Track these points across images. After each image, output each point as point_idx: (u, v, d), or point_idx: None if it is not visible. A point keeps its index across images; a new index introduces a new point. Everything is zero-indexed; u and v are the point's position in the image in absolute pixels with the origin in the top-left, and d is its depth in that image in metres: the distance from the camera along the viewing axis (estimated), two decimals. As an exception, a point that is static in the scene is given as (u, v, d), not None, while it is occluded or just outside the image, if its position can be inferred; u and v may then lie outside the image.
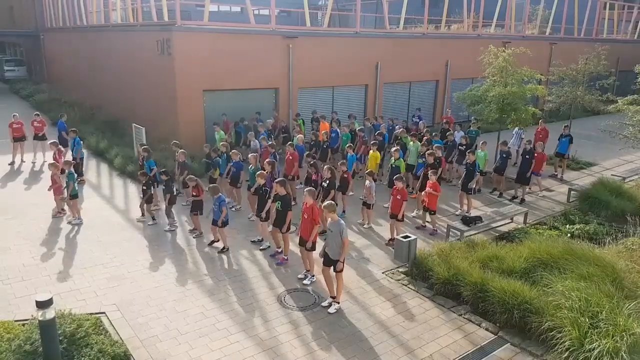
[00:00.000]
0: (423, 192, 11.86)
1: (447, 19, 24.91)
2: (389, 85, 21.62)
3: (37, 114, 17.10)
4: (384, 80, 21.14)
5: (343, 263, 8.16)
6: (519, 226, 12.04)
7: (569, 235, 11.27)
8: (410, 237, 9.77)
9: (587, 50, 18.54)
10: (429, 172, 11.69)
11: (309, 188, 9.31)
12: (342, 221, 8.17)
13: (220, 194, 10.20)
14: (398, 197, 10.60)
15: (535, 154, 14.03)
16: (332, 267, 8.26)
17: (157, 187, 12.29)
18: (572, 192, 14.22)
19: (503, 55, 15.83)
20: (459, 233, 11.10)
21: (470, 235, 11.06)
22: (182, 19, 16.28)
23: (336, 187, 11.37)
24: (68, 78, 28.47)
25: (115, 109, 21.24)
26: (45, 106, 24.64)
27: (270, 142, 13.62)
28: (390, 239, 10.91)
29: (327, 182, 11.03)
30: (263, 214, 10.25)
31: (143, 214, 11.87)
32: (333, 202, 8.70)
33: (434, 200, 11.45)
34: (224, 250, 10.33)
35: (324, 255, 8.34)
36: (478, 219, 11.45)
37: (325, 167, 11.30)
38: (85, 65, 24.60)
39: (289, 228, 9.70)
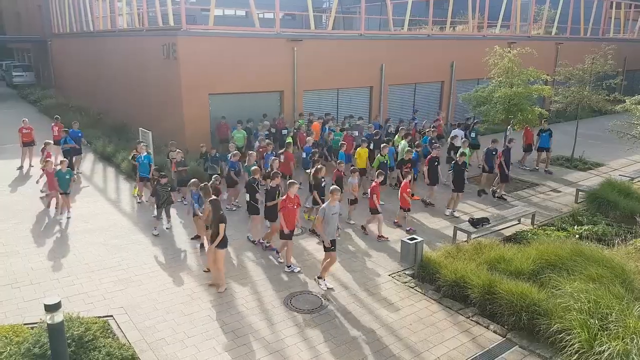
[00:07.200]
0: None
1: (452, 20, 24.85)
2: (394, 87, 21.60)
3: (57, 118, 17.28)
4: (389, 81, 21.12)
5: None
6: (527, 227, 11.97)
7: (577, 236, 11.18)
8: (416, 239, 9.74)
9: (593, 50, 18.42)
10: (378, 172, 11.72)
11: (291, 181, 9.75)
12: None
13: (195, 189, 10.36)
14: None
15: None
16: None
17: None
18: (580, 192, 14.12)
19: (508, 55, 15.78)
20: (465, 235, 11.04)
21: (477, 237, 11.01)
22: (188, 23, 16.37)
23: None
24: (75, 83, 28.68)
25: (121, 113, 21.37)
26: (53, 111, 24.85)
27: (267, 141, 14.34)
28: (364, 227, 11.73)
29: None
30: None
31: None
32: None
33: (370, 201, 11.35)
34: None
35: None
36: (485, 220, 11.38)
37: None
38: (92, 70, 24.78)
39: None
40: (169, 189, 11.42)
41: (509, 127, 16.77)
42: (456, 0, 22.76)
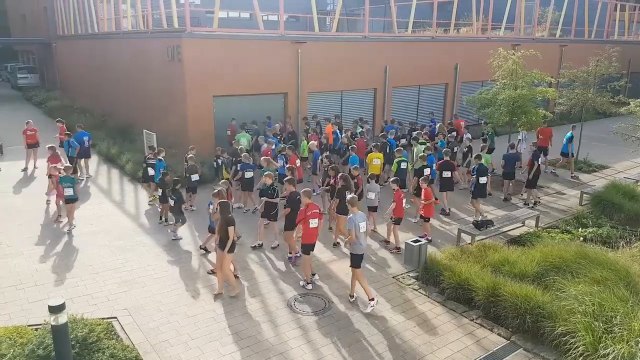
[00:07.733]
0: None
1: (456, 22, 24.82)
2: (397, 89, 21.60)
3: (60, 120, 17.33)
4: (393, 83, 21.12)
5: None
6: (531, 230, 11.93)
7: (581, 238, 11.16)
8: (420, 241, 9.73)
9: (597, 52, 18.37)
10: (393, 180, 11.15)
11: (306, 189, 9.26)
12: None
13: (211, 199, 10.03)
14: None
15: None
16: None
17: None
18: (584, 195, 14.07)
19: (513, 58, 15.75)
20: (470, 237, 11.02)
21: (482, 239, 10.98)
22: (192, 25, 16.42)
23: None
24: (80, 85, 28.82)
25: (126, 115, 21.45)
26: (58, 113, 24.98)
27: (281, 145, 14.00)
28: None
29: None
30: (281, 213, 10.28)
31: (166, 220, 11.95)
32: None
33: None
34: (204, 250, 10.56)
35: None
36: (489, 222, 11.35)
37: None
38: (97, 72, 24.89)
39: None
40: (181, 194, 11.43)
41: (523, 130, 16.58)
42: (460, 2, 22.75)
